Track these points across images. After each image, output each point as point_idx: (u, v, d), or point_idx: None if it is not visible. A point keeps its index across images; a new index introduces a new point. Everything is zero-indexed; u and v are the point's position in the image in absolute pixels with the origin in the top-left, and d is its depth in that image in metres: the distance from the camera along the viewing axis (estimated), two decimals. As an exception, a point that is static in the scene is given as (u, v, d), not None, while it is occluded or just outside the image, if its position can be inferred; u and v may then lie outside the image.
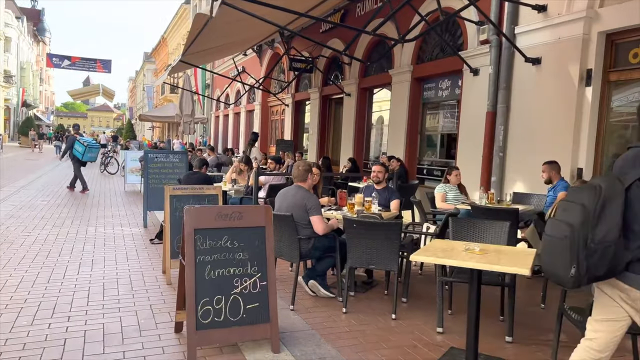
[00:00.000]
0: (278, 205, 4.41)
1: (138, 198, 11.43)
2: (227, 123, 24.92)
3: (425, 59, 9.35)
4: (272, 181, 7.40)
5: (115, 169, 18.45)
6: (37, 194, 11.50)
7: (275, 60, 18.08)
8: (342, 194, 5.13)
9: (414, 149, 9.58)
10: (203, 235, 3.34)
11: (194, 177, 6.65)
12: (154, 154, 8.04)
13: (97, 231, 7.43)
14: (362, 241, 4.06)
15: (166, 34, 43.68)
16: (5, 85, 44.40)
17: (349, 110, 11.82)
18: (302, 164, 4.42)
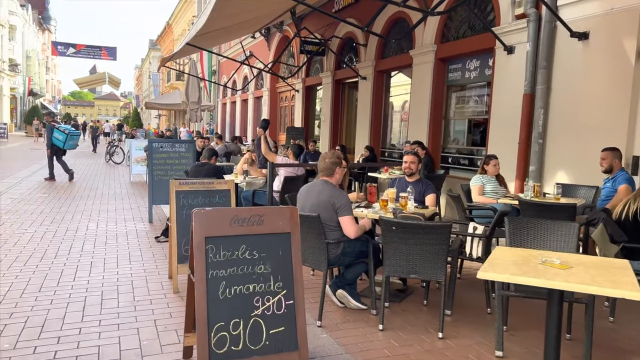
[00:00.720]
0: (301, 204, 3.78)
1: (143, 189, 10.87)
2: (234, 110, 24.26)
3: (451, 38, 8.62)
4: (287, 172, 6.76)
5: (120, 158, 17.91)
6: (38, 186, 10.96)
7: (284, 44, 17.35)
8: (372, 188, 4.48)
9: (438, 136, 8.90)
10: (216, 244, 2.72)
11: (203, 169, 6.04)
12: (158, 144, 7.42)
13: (98, 227, 6.86)
14: (402, 246, 3.43)
15: (171, 20, 42.89)
16: (11, 74, 43.94)
17: (365, 95, 11.12)
18: (329, 155, 3.77)
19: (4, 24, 40.96)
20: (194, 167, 6.15)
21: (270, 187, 5.84)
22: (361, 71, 11.14)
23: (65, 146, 11.98)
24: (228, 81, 20.25)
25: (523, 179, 6.75)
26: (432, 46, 8.72)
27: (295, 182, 6.64)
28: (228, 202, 4.52)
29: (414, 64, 9.26)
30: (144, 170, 12.49)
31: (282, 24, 16.28)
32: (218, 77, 27.53)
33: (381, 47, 10.71)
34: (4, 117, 40.30)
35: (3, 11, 40.97)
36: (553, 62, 6.44)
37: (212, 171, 6.03)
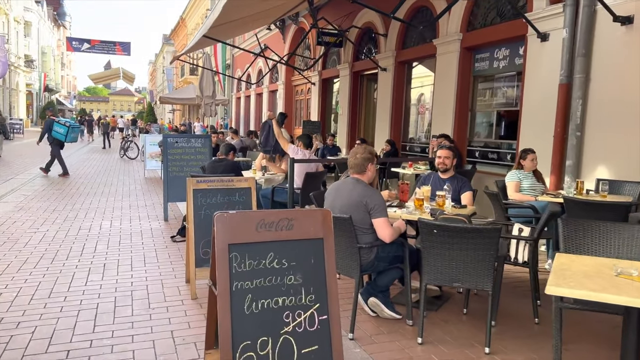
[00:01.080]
0: (330, 204, 3.44)
1: (158, 185, 10.63)
2: (248, 104, 24.00)
3: (477, 25, 8.19)
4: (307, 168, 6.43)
5: (135, 153, 17.74)
6: (51, 182, 10.79)
7: (299, 36, 17.00)
8: (404, 186, 4.13)
9: (463, 129, 8.49)
10: (241, 252, 2.40)
11: (220, 166, 5.74)
12: (173, 139, 7.15)
13: (112, 226, 6.61)
14: (444, 252, 3.08)
15: (185, 14, 42.77)
16: (27, 70, 44.24)
17: (385, 87, 10.73)
18: (361, 150, 3.42)
19: (19, 20, 41.16)
20: (210, 164, 5.85)
21: (291, 184, 5.52)
22: (381, 62, 10.75)
23: (67, 139, 11.77)
24: (243, 75, 19.95)
25: (559, 175, 6.34)
26: (457, 35, 8.31)
27: (317, 178, 6.32)
28: (249, 201, 4.21)
29: (438, 54, 8.85)
30: (158, 166, 12.27)
31: (298, 15, 15.92)
32: (232, 71, 27.26)
33: (402, 37, 10.31)
34: (20, 113, 40.59)
35: (18, 7, 41.14)
36: (592, 49, 6.00)
37: (230, 167, 5.72)
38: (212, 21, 8.38)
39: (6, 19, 36.98)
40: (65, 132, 11.59)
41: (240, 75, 20.95)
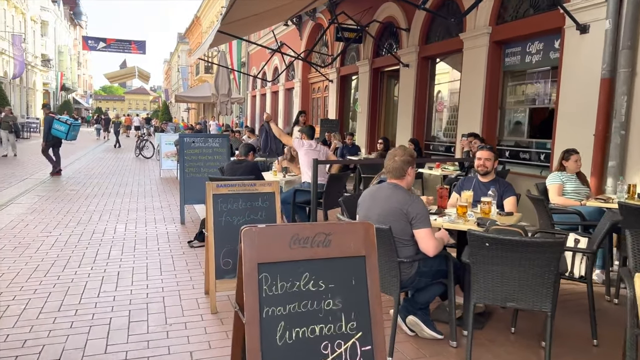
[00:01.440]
0: (364, 212, 3.10)
1: (174, 186, 10.39)
2: (264, 103, 23.73)
3: (508, 18, 7.76)
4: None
5: (150, 152, 17.58)
6: (66, 182, 10.61)
7: (316, 33, 16.66)
8: (443, 191, 3.77)
9: (493, 127, 8.07)
10: (272, 273, 2.07)
11: (240, 167, 5.43)
12: (190, 138, 6.86)
13: (127, 230, 6.35)
14: (496, 268, 2.72)
15: (199, 12, 42.67)
16: (44, 69, 44.59)
17: (407, 84, 10.34)
18: (400, 152, 3.07)
19: (35, 20, 41.45)
20: (230, 165, 5.54)
21: (315, 187, 5.18)
22: (403, 58, 10.36)
23: (68, 137, 11.54)
24: (259, 73, 19.66)
25: (600, 177, 5.92)
26: (486, 28, 7.89)
27: (341, 180, 5.98)
28: (272, 207, 3.89)
29: (465, 49, 8.43)
30: (174, 166, 12.04)
31: (315, 11, 15.58)
32: (247, 69, 27.01)
33: (426, 31, 9.90)
34: (37, 112, 40.91)
35: (35, 7, 41.44)
36: (639, 41, 5.57)
37: (250, 169, 5.41)
38: (227, 15, 8.08)
39: (23, 18, 37.23)
40: (66, 130, 11.36)
41: (257, 73, 20.66)
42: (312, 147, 6.07)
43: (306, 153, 5.99)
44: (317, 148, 6.12)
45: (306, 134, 6.30)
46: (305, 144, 6.10)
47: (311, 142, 6.18)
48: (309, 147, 6.06)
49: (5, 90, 31.64)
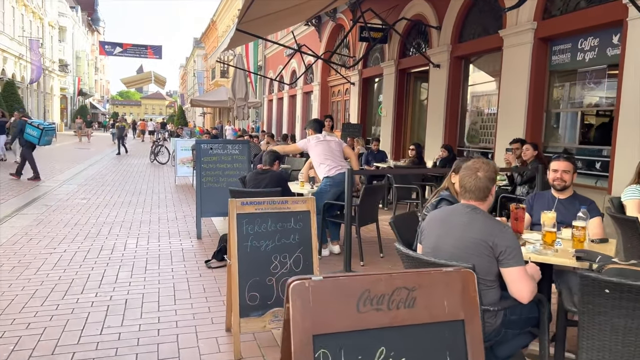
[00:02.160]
0: (432, 242, 2.43)
1: (189, 194, 9.82)
2: (281, 107, 23.18)
3: (556, 12, 7.05)
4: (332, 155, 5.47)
5: (165, 158, 17.10)
6: (78, 189, 10.10)
7: (336, 34, 16.07)
8: (519, 212, 3.07)
9: (537, 132, 7.34)
10: (333, 349, 1.42)
11: (264, 178, 4.80)
12: (207, 145, 6.26)
13: (138, 245, 5.76)
14: (617, 321, 2.03)
15: (215, 17, 42.46)
16: (61, 74, 44.73)
17: (438, 85, 9.65)
18: (484, 166, 2.36)
19: (53, 25, 41.58)
20: (253, 176, 4.91)
21: (350, 200, 4.52)
22: (433, 58, 9.67)
23: (40, 142, 11.01)
24: (277, 76, 19.08)
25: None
26: (530, 24, 7.17)
27: (377, 192, 5.32)
28: (307, 229, 3.24)
29: (505, 47, 7.72)
30: (189, 172, 11.50)
31: (336, 11, 14.97)
32: (264, 73, 26.52)
33: (459, 29, 9.20)
34: (54, 117, 40.97)
35: (53, 12, 41.59)
36: None
37: (276, 180, 4.78)
38: (246, 12, 7.49)
39: (41, 23, 37.32)
40: (38, 135, 10.83)
41: (276, 76, 20.07)
42: (320, 138, 5.51)
43: (316, 145, 5.44)
44: (326, 137, 5.57)
45: (312, 128, 5.73)
46: (312, 139, 5.54)
47: (318, 134, 5.60)
48: (317, 140, 5.49)
49: (23, 95, 31.63)
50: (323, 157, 5.30)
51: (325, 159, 5.30)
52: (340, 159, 5.40)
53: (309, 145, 5.48)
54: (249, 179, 4.89)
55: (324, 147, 5.39)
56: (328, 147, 5.39)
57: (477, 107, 9.19)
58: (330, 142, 5.50)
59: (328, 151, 5.33)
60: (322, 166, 5.27)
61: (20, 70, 31.96)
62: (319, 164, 5.31)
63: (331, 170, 5.20)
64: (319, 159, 5.31)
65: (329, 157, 5.30)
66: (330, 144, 5.45)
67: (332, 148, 5.39)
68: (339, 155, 5.42)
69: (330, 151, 5.35)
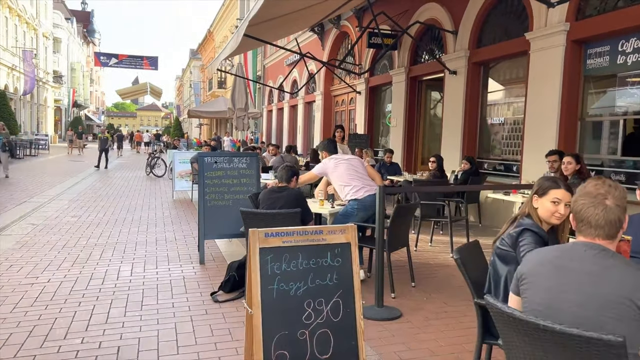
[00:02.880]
0: (545, 297, 1.74)
1: (189, 211, 9.13)
2: (281, 118, 22.58)
3: (592, 12, 6.47)
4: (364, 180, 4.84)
5: (162, 170, 16.40)
6: (68, 206, 9.39)
7: (340, 41, 15.53)
8: (622, 245, 2.41)
9: (571, 142, 6.73)
10: None
11: (281, 197, 4.14)
12: (212, 158, 5.59)
13: (133, 273, 5.06)
14: None
15: (212, 27, 42.03)
16: (55, 86, 44.07)
17: (455, 93, 9.05)
18: (612, 190, 1.68)
19: (48, 36, 41.01)
20: (266, 194, 4.24)
21: (382, 222, 3.86)
22: (449, 64, 9.08)
23: None
24: (279, 85, 18.47)
25: None
26: (563, 25, 6.59)
27: (410, 210, 4.66)
28: (348, 266, 2.57)
29: (532, 51, 7.14)
30: (188, 186, 10.82)
31: (340, 18, 14.43)
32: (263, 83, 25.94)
33: (477, 33, 8.62)
34: (47, 129, 40.22)
35: (47, 23, 41.03)
36: None
37: (294, 199, 4.11)
38: (252, 16, 6.88)
39: (35, 34, 36.72)
40: None
41: (278, 85, 19.46)
42: (340, 159, 4.91)
43: (336, 166, 4.83)
44: (345, 157, 5.00)
45: (326, 150, 5.15)
46: (329, 161, 4.92)
47: (335, 155, 5.01)
48: (336, 160, 4.89)
49: (15, 107, 30.91)
50: (347, 177, 4.70)
51: (351, 179, 4.70)
52: (366, 177, 4.78)
53: (327, 168, 4.87)
54: (262, 198, 4.22)
55: (347, 167, 4.78)
56: (351, 166, 4.78)
57: (499, 116, 8.57)
58: (351, 159, 4.92)
59: (352, 171, 4.73)
60: (347, 188, 4.65)
61: (13, 81, 31.27)
62: (343, 186, 4.70)
63: (359, 192, 4.58)
64: (342, 181, 4.70)
65: (354, 177, 4.71)
66: (352, 162, 4.86)
67: (355, 166, 4.80)
68: (364, 174, 4.79)
69: (354, 170, 4.75)
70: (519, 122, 7.88)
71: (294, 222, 3.93)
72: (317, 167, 5.08)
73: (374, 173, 5.09)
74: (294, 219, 3.90)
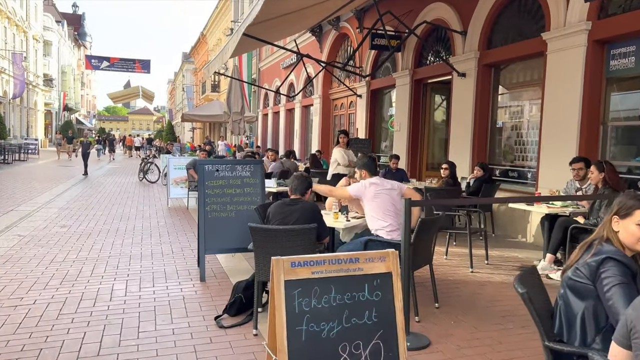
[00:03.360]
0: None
1: (185, 220, 8.67)
2: (277, 122, 22.16)
3: (616, 10, 6.13)
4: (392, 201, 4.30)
5: (156, 176, 15.91)
6: (58, 214, 8.90)
7: (339, 44, 15.15)
8: None
9: (593, 148, 6.36)
10: None
11: (294, 211, 3.71)
12: (213, 166, 5.15)
13: (127, 292, 4.61)
14: None
15: (205, 30, 41.59)
16: (46, 89, 43.33)
17: (464, 96, 8.68)
18: None
19: (38, 39, 40.32)
20: (278, 208, 3.80)
21: (407, 238, 3.45)
22: (457, 66, 8.71)
23: None
24: (278, 87, 17.99)
25: None
26: (583, 24, 6.24)
27: (434, 225, 4.25)
28: (388, 301, 2.15)
29: (550, 52, 6.78)
30: (184, 193, 10.36)
31: (339, 20, 14.05)
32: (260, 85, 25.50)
33: (487, 33, 8.26)
34: (37, 133, 39.49)
35: (37, 26, 40.35)
36: None
37: (310, 214, 3.69)
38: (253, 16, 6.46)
39: (25, 37, 36.05)
40: None
41: (277, 88, 18.98)
42: (382, 188, 4.25)
43: (376, 195, 4.19)
44: (387, 185, 4.30)
45: (367, 170, 4.42)
46: (370, 185, 4.27)
47: (376, 180, 4.34)
48: (376, 188, 4.24)
49: (5, 110, 30.23)
50: (382, 213, 4.12)
51: (386, 215, 4.12)
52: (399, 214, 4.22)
53: (366, 194, 4.23)
54: (273, 211, 3.78)
55: (386, 200, 4.16)
56: (390, 200, 4.16)
57: (511, 120, 8.21)
58: (392, 191, 4.24)
59: (390, 205, 4.13)
60: (380, 222, 4.12)
61: (2, 84, 30.59)
62: (375, 219, 4.15)
63: (392, 233, 4.06)
64: (377, 214, 4.14)
65: (390, 213, 4.12)
66: (393, 195, 4.20)
67: (394, 201, 4.16)
68: (399, 210, 4.13)
69: (392, 205, 4.14)
70: (534, 126, 7.52)
71: (309, 238, 3.51)
72: (355, 188, 4.35)
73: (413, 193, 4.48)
74: (309, 236, 3.48)
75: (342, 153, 8.16)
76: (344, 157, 8.19)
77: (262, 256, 3.52)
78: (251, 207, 5.09)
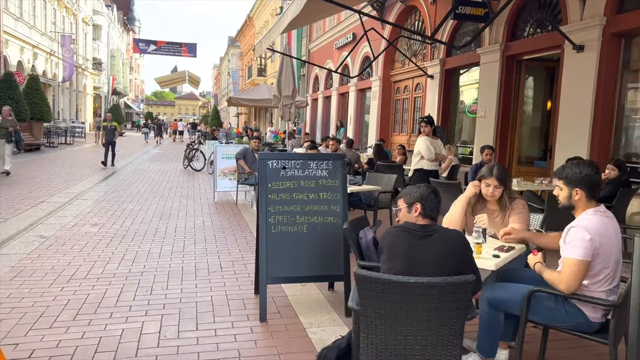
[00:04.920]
0: None
1: (235, 220, 7.34)
2: (327, 107, 20.70)
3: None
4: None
5: (201, 164, 14.79)
6: (91, 209, 7.79)
7: (404, 18, 13.42)
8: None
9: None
10: None
11: (433, 243, 2.19)
12: (278, 162, 3.74)
13: (160, 340, 3.28)
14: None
15: (252, 12, 40.39)
16: (95, 73, 43.45)
17: (580, 75, 6.91)
18: None
19: (87, 22, 40.27)
20: (402, 239, 2.21)
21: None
22: (573, 36, 6.93)
23: None
24: (337, 68, 16.44)
25: None
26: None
27: None
28: None
29: None
30: (233, 186, 9.08)
31: (407, -10, 12.36)
32: (307, 70, 24.07)
33: (619, -7, 6.45)
34: (86, 116, 39.64)
35: (87, 9, 40.29)
36: None
37: (462, 251, 2.18)
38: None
39: (74, 19, 35.91)
40: None
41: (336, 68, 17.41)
42: (605, 235, 2.62)
43: (601, 246, 2.55)
44: (611, 227, 2.69)
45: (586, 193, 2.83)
46: (596, 240, 2.57)
47: (604, 219, 2.72)
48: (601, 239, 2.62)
49: (54, 93, 30.13)
50: (607, 269, 2.59)
51: (605, 268, 2.61)
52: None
53: (593, 248, 2.58)
54: (392, 244, 2.29)
55: (613, 253, 2.62)
56: (615, 250, 2.63)
57: None
58: (617, 230, 2.72)
59: (613, 252, 2.61)
60: (601, 276, 2.54)
61: (51, 67, 30.40)
62: (596, 281, 2.56)
63: (612, 283, 2.47)
64: (599, 272, 2.56)
65: (611, 262, 2.63)
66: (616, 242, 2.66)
67: (618, 249, 2.66)
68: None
69: (618, 252, 2.64)
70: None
71: (465, 297, 2.01)
72: (579, 243, 2.51)
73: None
74: (465, 292, 1.99)
75: (427, 144, 6.56)
76: (430, 149, 6.59)
77: (377, 326, 2.04)
78: (329, 219, 3.68)
